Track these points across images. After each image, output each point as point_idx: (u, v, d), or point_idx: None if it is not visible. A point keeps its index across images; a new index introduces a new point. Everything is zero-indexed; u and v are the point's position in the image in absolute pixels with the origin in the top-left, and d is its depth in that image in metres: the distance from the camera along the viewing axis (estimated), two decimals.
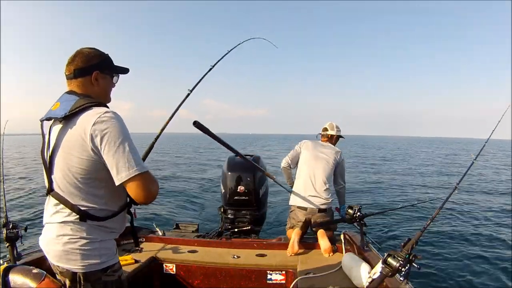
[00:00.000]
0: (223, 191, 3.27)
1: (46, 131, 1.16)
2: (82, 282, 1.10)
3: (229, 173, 3.21)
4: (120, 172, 1.03)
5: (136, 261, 2.20)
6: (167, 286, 2.30)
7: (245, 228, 3.11)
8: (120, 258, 2.15)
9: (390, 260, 1.40)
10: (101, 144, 1.03)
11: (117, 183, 1.04)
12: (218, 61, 2.45)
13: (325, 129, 3.00)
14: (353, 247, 2.32)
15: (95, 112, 1.06)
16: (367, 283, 1.63)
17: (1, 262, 1.75)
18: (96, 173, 1.08)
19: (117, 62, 1.27)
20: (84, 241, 1.09)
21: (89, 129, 1.03)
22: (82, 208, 1.09)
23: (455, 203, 6.55)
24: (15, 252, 1.84)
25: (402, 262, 1.36)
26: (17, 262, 1.78)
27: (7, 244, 1.84)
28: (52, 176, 1.12)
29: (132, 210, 1.26)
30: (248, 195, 3.12)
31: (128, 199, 1.20)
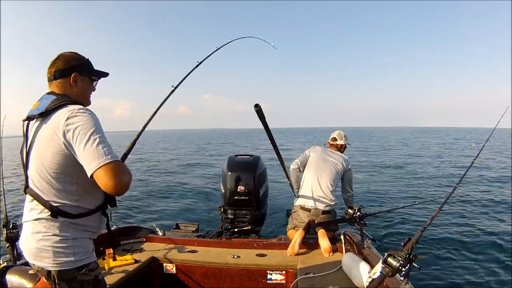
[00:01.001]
0: (223, 191, 3.27)
1: (26, 130, 1.19)
2: (56, 280, 1.10)
3: (229, 173, 3.21)
4: (91, 162, 1.03)
5: (136, 261, 2.20)
6: (167, 286, 2.30)
7: (245, 228, 3.11)
8: (120, 258, 2.18)
9: (390, 260, 1.40)
10: (72, 138, 1.05)
11: (89, 174, 1.04)
12: (206, 58, 2.36)
13: (334, 139, 3.03)
14: (353, 247, 2.32)
15: (69, 109, 1.10)
16: (367, 283, 1.63)
17: (1, 262, 1.75)
18: (68, 168, 1.09)
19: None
20: (57, 238, 1.10)
21: (62, 124, 1.06)
22: (54, 204, 1.10)
23: (455, 203, 6.55)
24: (15, 252, 1.84)
25: (402, 262, 1.36)
26: (17, 262, 1.79)
27: (7, 245, 1.84)
28: (28, 172, 1.15)
29: (108, 212, 1.26)
30: (248, 195, 3.13)
31: (104, 200, 1.21)
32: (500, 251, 4.13)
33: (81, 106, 1.13)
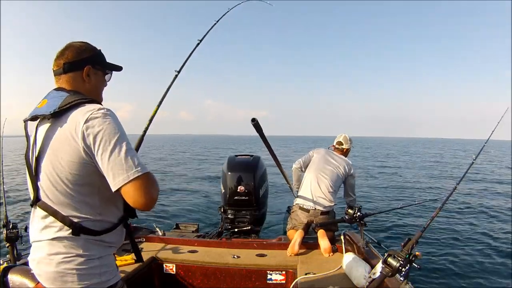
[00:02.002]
0: (223, 191, 3.27)
1: (31, 132, 1.03)
2: None
3: (229, 173, 3.21)
4: (117, 175, 0.89)
5: (136, 261, 2.20)
6: (167, 286, 2.29)
7: (245, 228, 3.11)
8: (120, 258, 2.17)
9: (390, 260, 1.40)
10: (94, 144, 0.91)
11: (114, 188, 0.91)
12: (205, 34, 2.29)
13: (340, 143, 3.01)
14: (353, 247, 2.32)
15: (88, 109, 0.95)
16: (367, 283, 1.63)
17: (1, 262, 1.75)
18: (88, 178, 0.95)
19: (118, 62, 1.22)
20: (81, 259, 0.95)
21: (80, 127, 0.91)
22: (75, 220, 0.95)
23: (455, 203, 6.55)
24: (15, 252, 1.84)
25: (402, 262, 1.37)
26: (17, 262, 1.78)
27: (7, 244, 1.84)
28: (39, 183, 0.98)
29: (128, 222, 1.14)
30: (248, 195, 3.12)
31: (124, 210, 1.09)
32: (500, 251, 4.13)
33: (101, 106, 0.98)
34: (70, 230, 0.95)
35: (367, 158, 20.27)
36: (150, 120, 2.02)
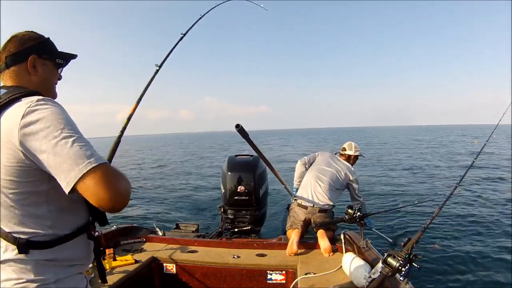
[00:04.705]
0: (223, 191, 3.28)
1: None
2: None
3: (229, 173, 3.22)
4: (68, 172, 0.73)
5: (136, 261, 2.20)
6: (167, 286, 2.30)
7: (245, 228, 3.12)
8: (120, 258, 2.18)
9: (390, 260, 1.41)
10: (34, 142, 0.74)
11: (67, 189, 0.74)
12: (189, 29, 2.23)
13: (344, 149, 3.09)
14: (353, 247, 2.32)
15: (25, 102, 0.79)
16: (367, 283, 1.63)
17: None
18: (30, 185, 0.79)
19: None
20: (34, 285, 0.81)
21: (17, 125, 0.75)
22: (21, 237, 0.80)
23: (456, 203, 6.55)
24: None
25: (402, 262, 1.37)
26: None
27: None
28: None
29: (99, 232, 1.04)
30: (248, 195, 3.13)
31: (90, 218, 0.92)
32: (501, 251, 4.13)
33: (41, 97, 0.81)
34: (16, 250, 0.80)
35: (367, 151, 20.18)
36: (128, 119, 1.88)
